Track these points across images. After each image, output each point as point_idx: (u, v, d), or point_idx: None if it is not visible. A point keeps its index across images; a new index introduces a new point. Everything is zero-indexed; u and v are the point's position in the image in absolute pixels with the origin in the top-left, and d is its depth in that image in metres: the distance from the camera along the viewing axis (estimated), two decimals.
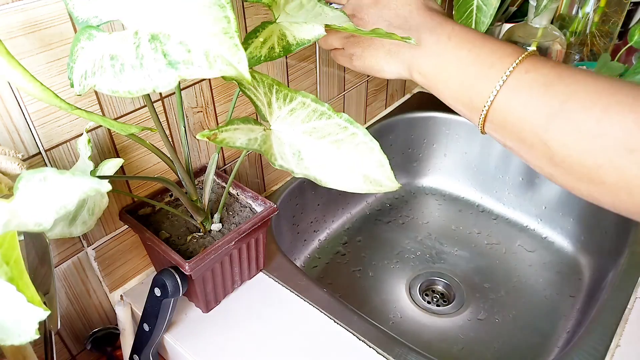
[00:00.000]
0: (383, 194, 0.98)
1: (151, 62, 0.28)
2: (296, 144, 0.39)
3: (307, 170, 0.38)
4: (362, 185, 0.38)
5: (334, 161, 0.39)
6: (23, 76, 0.30)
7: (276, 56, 0.41)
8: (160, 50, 0.27)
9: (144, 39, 0.28)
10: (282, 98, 0.40)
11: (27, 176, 0.27)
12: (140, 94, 0.28)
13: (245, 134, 0.37)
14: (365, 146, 0.39)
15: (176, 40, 0.27)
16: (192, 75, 0.27)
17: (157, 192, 0.60)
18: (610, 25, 0.88)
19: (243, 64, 0.27)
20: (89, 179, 0.27)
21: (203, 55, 0.27)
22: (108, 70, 0.29)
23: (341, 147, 0.39)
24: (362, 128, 0.39)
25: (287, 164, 0.38)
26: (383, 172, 0.38)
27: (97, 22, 0.32)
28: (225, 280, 0.58)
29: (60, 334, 0.58)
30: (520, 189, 0.92)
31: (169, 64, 0.27)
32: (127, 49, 0.28)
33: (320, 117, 0.39)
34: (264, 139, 0.38)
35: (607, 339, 0.56)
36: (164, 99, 0.56)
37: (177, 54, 0.27)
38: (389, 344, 0.55)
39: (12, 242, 0.27)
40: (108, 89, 0.29)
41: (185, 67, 0.27)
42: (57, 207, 0.27)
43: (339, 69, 0.79)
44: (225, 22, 0.27)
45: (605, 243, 0.79)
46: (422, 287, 0.81)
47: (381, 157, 0.39)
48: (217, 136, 0.34)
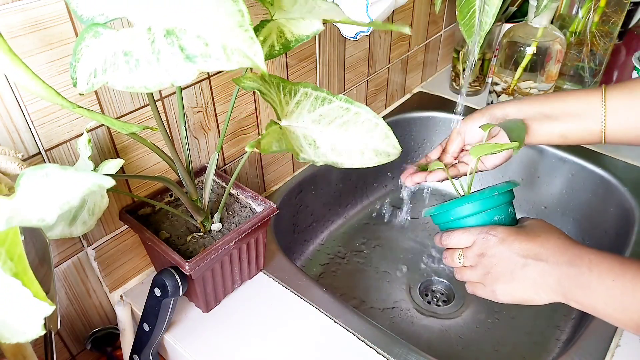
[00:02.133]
0: (383, 194, 0.98)
1: (168, 56, 0.28)
2: (309, 135, 0.40)
3: (325, 157, 0.40)
4: (373, 158, 0.40)
5: (346, 143, 0.40)
6: (26, 74, 0.30)
7: (276, 54, 0.41)
8: (177, 44, 0.28)
9: (159, 35, 0.28)
10: (288, 93, 0.40)
11: (29, 173, 0.27)
12: (157, 89, 0.29)
13: (273, 137, 0.38)
14: (370, 123, 0.40)
15: (193, 35, 0.28)
16: (211, 68, 0.28)
17: (157, 192, 0.60)
18: (610, 25, 0.88)
19: (259, 55, 0.27)
20: (92, 174, 0.28)
21: (221, 49, 0.27)
22: (122, 66, 0.29)
23: (349, 128, 0.40)
24: (363, 106, 0.41)
25: (308, 156, 0.39)
26: (389, 142, 0.40)
27: (103, 20, 0.32)
28: (225, 280, 0.58)
29: (60, 334, 0.58)
30: (520, 189, 0.92)
31: (186, 57, 0.28)
32: (142, 44, 0.29)
33: (323, 103, 0.41)
34: (284, 137, 0.39)
35: (607, 339, 0.56)
36: (164, 99, 0.56)
37: (194, 48, 0.28)
38: (389, 344, 0.55)
39: (15, 238, 0.27)
40: (123, 85, 0.29)
41: (203, 60, 0.28)
42: (61, 202, 0.27)
43: (339, 69, 0.79)
44: (239, 15, 0.27)
45: (605, 243, 0.79)
46: (422, 287, 0.81)
47: (386, 130, 0.41)
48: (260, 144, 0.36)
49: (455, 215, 0.55)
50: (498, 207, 0.54)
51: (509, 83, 0.88)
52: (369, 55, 0.84)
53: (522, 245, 0.49)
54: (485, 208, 0.53)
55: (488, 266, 0.50)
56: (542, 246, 0.48)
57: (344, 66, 0.80)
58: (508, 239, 0.50)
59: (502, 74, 0.89)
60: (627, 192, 0.76)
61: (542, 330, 0.73)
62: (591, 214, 0.83)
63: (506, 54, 0.87)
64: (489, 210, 0.53)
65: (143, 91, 0.29)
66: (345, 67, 0.80)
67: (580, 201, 0.84)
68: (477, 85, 1.01)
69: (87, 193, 0.27)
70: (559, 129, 0.56)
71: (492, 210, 0.54)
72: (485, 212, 0.53)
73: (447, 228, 0.56)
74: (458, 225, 0.55)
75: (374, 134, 0.40)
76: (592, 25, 0.88)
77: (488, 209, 0.53)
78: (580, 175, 0.83)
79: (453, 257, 0.53)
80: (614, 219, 0.78)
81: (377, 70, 0.88)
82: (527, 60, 0.84)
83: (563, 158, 0.84)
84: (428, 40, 0.99)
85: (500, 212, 0.54)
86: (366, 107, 0.40)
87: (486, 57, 0.98)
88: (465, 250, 0.52)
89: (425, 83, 1.07)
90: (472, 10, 0.58)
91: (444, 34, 1.04)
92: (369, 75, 0.87)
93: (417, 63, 1.00)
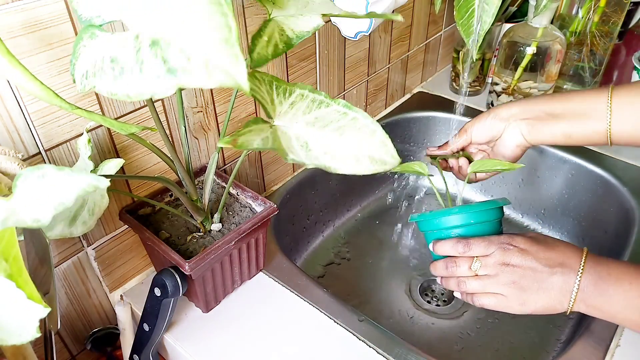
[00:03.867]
0: (383, 194, 0.98)
1: (151, 67, 0.27)
2: (302, 136, 0.39)
3: (317, 160, 0.39)
4: (369, 166, 0.39)
5: (341, 148, 0.39)
6: (24, 75, 0.30)
7: (280, 52, 0.42)
8: (161, 56, 0.27)
9: (144, 44, 0.28)
10: (282, 93, 0.40)
11: (26, 173, 0.27)
12: (138, 99, 0.28)
13: (258, 135, 0.37)
14: (367, 129, 0.39)
15: (177, 47, 0.27)
16: (191, 84, 0.27)
17: (157, 192, 0.60)
18: (610, 25, 0.88)
19: (242, 75, 0.26)
20: (87, 175, 0.27)
21: (203, 65, 0.26)
22: (108, 72, 0.29)
23: (345, 133, 0.39)
24: (361, 111, 0.40)
25: (298, 157, 0.38)
26: (386, 151, 0.39)
27: (99, 22, 0.32)
28: (225, 280, 0.58)
29: (60, 334, 0.58)
30: (520, 189, 0.92)
31: (168, 70, 0.27)
32: (128, 52, 0.28)
33: (320, 106, 0.40)
34: (274, 136, 0.38)
35: (607, 339, 0.56)
36: (164, 99, 0.56)
37: (176, 61, 0.27)
38: (389, 344, 0.55)
39: (11, 238, 0.27)
40: (107, 91, 0.29)
41: (184, 75, 0.27)
42: (56, 203, 0.27)
43: (339, 69, 0.79)
44: (226, 31, 0.26)
45: (605, 243, 0.79)
46: (422, 287, 0.81)
47: (383, 137, 0.40)
48: (237, 141, 0.35)
49: (447, 224, 0.54)
50: (492, 221, 0.54)
51: (509, 83, 0.88)
52: (369, 55, 0.84)
53: (547, 254, 0.49)
54: (480, 220, 0.53)
55: (513, 276, 0.49)
56: (564, 255, 0.49)
57: (344, 66, 0.80)
58: (531, 249, 0.50)
59: (502, 74, 0.89)
60: (627, 192, 0.76)
61: (542, 330, 0.73)
62: (591, 214, 0.83)
63: (506, 54, 0.87)
64: (483, 223, 0.53)
65: (125, 99, 0.28)
66: (345, 67, 0.80)
67: (580, 201, 0.84)
68: (477, 85, 1.01)
69: (82, 194, 0.27)
70: (563, 129, 0.56)
71: (486, 223, 0.54)
72: (480, 224, 0.53)
73: (436, 237, 0.55)
74: (447, 235, 0.54)
75: (371, 140, 0.39)
76: (592, 25, 0.88)
77: (483, 222, 0.53)
78: (580, 175, 0.83)
79: (466, 265, 0.52)
80: (614, 219, 0.78)
81: (377, 70, 0.88)
82: (527, 60, 0.84)
83: (563, 158, 0.84)
84: (428, 40, 0.99)
85: (493, 227, 0.54)
86: (364, 113, 0.40)
87: (486, 57, 0.98)
88: (483, 258, 0.51)
89: (425, 83, 1.07)
90: (471, 9, 0.58)
91: (444, 34, 1.04)
92: (369, 75, 0.87)
93: (417, 63, 1.00)
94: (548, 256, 0.49)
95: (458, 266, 0.52)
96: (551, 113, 0.57)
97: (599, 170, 0.81)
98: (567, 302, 0.48)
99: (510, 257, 0.50)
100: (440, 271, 0.54)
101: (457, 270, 0.52)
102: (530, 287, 0.49)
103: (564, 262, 0.48)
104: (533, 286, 0.49)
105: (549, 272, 0.48)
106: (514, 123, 0.58)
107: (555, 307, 0.49)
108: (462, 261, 0.52)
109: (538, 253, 0.49)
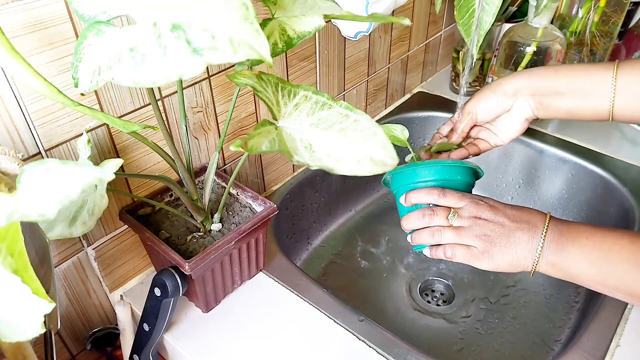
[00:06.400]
0: (383, 194, 0.98)
1: (175, 50, 0.28)
2: (306, 138, 0.40)
3: (320, 162, 0.40)
4: (370, 167, 0.40)
5: (343, 149, 0.40)
6: (28, 71, 0.30)
7: (279, 51, 0.42)
8: (184, 38, 0.28)
9: (164, 29, 0.29)
10: (287, 94, 0.40)
11: (29, 169, 0.27)
12: (164, 83, 0.29)
13: (266, 137, 0.37)
14: (368, 131, 0.40)
15: (199, 28, 0.28)
16: (218, 61, 0.28)
17: (157, 192, 0.60)
18: (610, 25, 0.88)
19: (265, 48, 0.28)
20: (92, 168, 0.28)
21: (228, 41, 0.28)
22: (128, 62, 0.30)
23: (347, 135, 0.40)
24: (363, 113, 0.40)
25: (302, 159, 0.39)
26: (386, 152, 0.40)
27: (105, 18, 0.33)
28: (225, 280, 0.58)
29: (60, 334, 0.58)
30: (520, 189, 0.92)
31: (193, 51, 0.28)
32: (148, 39, 0.29)
33: (322, 108, 0.40)
34: (280, 138, 0.39)
35: (607, 339, 0.56)
36: (164, 99, 0.56)
37: (201, 41, 0.28)
38: (388, 344, 0.55)
39: (16, 234, 0.27)
40: (131, 80, 0.30)
41: (210, 53, 0.28)
42: (61, 197, 0.27)
43: (339, 69, 0.79)
44: (244, 9, 0.28)
45: None
46: (422, 287, 0.81)
47: (384, 139, 0.40)
48: (247, 144, 0.35)
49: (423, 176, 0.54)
50: (465, 183, 0.55)
51: None
52: (369, 55, 0.84)
53: (514, 212, 0.51)
54: (454, 178, 0.54)
55: (484, 229, 0.50)
56: (530, 214, 0.51)
57: (344, 66, 0.80)
58: (499, 206, 0.52)
59: (502, 74, 0.89)
60: (627, 192, 0.76)
61: (542, 330, 0.73)
62: (591, 214, 0.83)
63: (506, 53, 0.87)
64: (457, 181, 0.54)
65: (150, 86, 0.29)
66: (345, 67, 0.80)
67: (580, 201, 0.84)
68: (477, 85, 1.01)
69: (87, 187, 0.27)
70: (566, 105, 0.57)
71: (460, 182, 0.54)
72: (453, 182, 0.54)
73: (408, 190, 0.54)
74: None
75: (372, 142, 0.40)
76: (592, 25, 0.88)
77: (456, 180, 0.54)
78: (580, 175, 0.83)
79: (444, 214, 0.51)
80: (614, 219, 0.78)
81: (377, 70, 0.89)
82: (527, 60, 0.84)
83: (563, 158, 0.84)
84: (428, 40, 0.99)
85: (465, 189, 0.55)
86: (366, 116, 0.40)
87: (486, 57, 0.98)
88: (459, 210, 0.51)
89: (425, 83, 1.07)
90: (472, 9, 0.58)
91: (444, 34, 1.04)
92: (369, 75, 0.87)
93: (417, 63, 1.00)
94: (515, 214, 0.51)
95: (436, 214, 0.52)
96: (555, 89, 0.57)
97: (599, 170, 0.81)
98: (531, 259, 0.49)
99: (482, 212, 0.51)
100: (415, 222, 0.53)
101: (434, 219, 0.52)
102: (499, 241, 0.49)
103: (530, 221, 0.50)
104: (501, 241, 0.49)
105: (516, 227, 0.49)
106: (522, 97, 0.59)
107: (520, 263, 0.49)
108: (440, 210, 0.52)
109: (506, 210, 0.51)
